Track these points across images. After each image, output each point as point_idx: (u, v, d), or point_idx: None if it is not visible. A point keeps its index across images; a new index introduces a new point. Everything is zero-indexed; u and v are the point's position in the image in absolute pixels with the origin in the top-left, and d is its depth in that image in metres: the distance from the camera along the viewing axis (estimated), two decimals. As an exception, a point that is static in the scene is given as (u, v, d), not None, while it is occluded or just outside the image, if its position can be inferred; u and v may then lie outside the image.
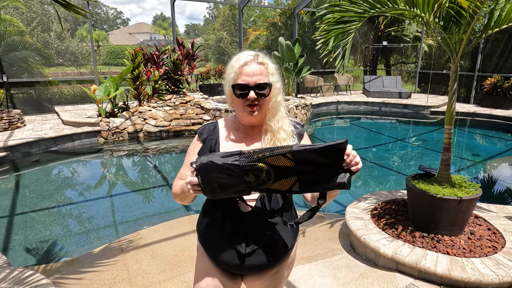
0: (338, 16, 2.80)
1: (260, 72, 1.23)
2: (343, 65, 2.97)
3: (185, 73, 8.98)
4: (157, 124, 7.41)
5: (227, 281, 1.35)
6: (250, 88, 1.22)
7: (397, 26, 14.48)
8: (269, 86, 1.24)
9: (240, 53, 1.29)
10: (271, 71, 1.26)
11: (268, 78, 1.24)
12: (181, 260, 2.91)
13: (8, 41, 9.04)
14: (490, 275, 2.35)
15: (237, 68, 1.23)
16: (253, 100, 1.23)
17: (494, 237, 2.83)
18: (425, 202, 2.77)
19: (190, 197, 1.28)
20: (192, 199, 1.30)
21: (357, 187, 5.06)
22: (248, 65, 1.22)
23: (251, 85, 1.21)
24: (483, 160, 6.28)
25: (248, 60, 1.23)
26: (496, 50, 11.20)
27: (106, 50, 30.78)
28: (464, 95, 11.84)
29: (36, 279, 2.20)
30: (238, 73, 1.23)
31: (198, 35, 48.59)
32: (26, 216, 3.98)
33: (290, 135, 1.32)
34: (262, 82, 1.22)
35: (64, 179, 5.37)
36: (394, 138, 8.09)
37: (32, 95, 9.29)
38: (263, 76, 1.23)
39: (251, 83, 1.21)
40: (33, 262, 3.08)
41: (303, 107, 8.55)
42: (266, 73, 1.24)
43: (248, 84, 1.21)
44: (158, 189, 4.97)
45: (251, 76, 1.21)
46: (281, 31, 14.23)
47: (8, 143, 5.87)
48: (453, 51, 2.84)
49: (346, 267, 2.74)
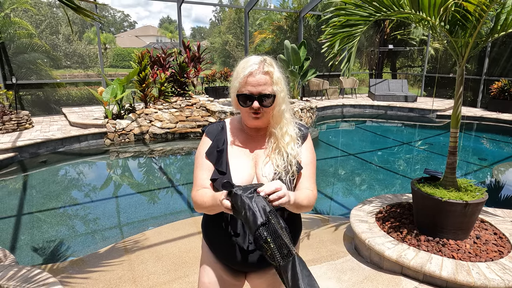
0: (344, 19, 2.82)
1: (265, 82, 1.24)
2: (348, 68, 2.98)
3: (191, 76, 9.03)
4: (163, 126, 7.46)
5: (230, 278, 1.38)
6: (254, 98, 1.24)
7: (403, 29, 14.44)
8: (273, 96, 1.26)
9: (247, 58, 1.30)
10: (275, 80, 1.27)
11: (272, 88, 1.25)
12: (186, 261, 2.93)
13: (18, 43, 9.17)
14: (496, 279, 2.33)
15: (242, 77, 1.25)
16: (257, 109, 1.25)
17: (500, 242, 2.81)
18: (430, 205, 2.76)
19: (219, 210, 1.20)
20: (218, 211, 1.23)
21: (362, 191, 5.05)
22: (253, 75, 1.24)
23: (255, 95, 1.24)
24: (490, 165, 6.22)
25: (254, 70, 1.24)
26: (504, 54, 11.11)
27: (113, 52, 31.05)
28: (471, 99, 11.76)
29: (44, 277, 2.23)
30: (243, 83, 1.25)
31: (204, 38, 48.84)
32: (33, 216, 4.03)
33: (295, 138, 1.34)
34: (266, 93, 1.24)
35: (71, 180, 5.43)
36: (399, 142, 8.05)
37: (40, 96, 9.40)
38: (267, 86, 1.24)
39: (255, 93, 1.24)
40: (40, 261, 3.12)
41: (308, 110, 8.55)
42: (271, 83, 1.25)
43: (252, 94, 1.24)
44: (163, 191, 5.00)
45: (256, 87, 1.23)
46: (287, 34, 14.27)
47: (16, 144, 5.95)
48: (459, 55, 2.84)
49: (350, 270, 2.73)
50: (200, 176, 1.33)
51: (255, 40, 17.49)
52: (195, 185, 1.34)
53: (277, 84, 1.27)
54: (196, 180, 1.34)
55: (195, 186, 1.33)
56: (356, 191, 5.07)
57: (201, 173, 1.33)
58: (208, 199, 1.22)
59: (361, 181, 5.45)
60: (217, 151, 1.33)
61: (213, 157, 1.33)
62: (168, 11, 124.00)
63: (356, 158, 6.56)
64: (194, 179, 1.36)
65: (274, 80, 1.27)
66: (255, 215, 1.00)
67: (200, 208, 1.28)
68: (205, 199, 1.24)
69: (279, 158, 1.29)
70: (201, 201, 1.25)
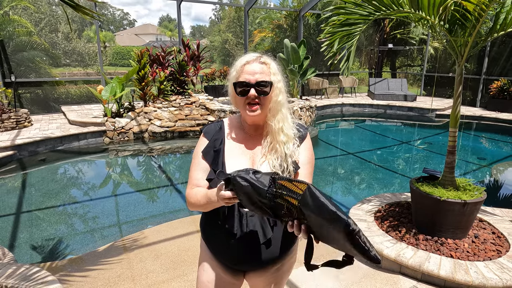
0: (343, 18, 2.82)
1: (262, 71, 1.24)
2: (347, 67, 2.98)
3: (191, 74, 9.03)
4: (162, 125, 7.46)
5: (229, 277, 1.38)
6: (251, 86, 1.23)
7: (403, 28, 14.44)
8: (270, 84, 1.25)
9: (244, 54, 1.31)
10: (273, 71, 1.26)
11: (269, 77, 1.25)
12: (185, 260, 2.93)
13: (17, 41, 9.15)
14: (494, 278, 2.34)
15: (239, 67, 1.25)
16: (254, 98, 1.23)
17: (498, 241, 2.82)
18: (429, 204, 2.76)
19: (214, 206, 1.22)
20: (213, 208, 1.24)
21: (361, 190, 5.05)
22: (250, 63, 1.24)
23: (252, 83, 1.22)
24: (488, 164, 6.23)
25: (251, 59, 1.25)
26: (503, 53, 11.11)
27: (112, 51, 31.01)
28: (470, 99, 11.76)
29: (42, 275, 2.23)
30: (240, 71, 1.24)
31: (203, 37, 48.78)
32: (32, 214, 4.03)
33: (292, 138, 1.31)
34: (263, 80, 1.23)
35: (70, 178, 5.42)
36: (399, 141, 8.06)
37: (39, 94, 9.39)
38: (264, 74, 1.24)
39: (252, 81, 1.22)
40: (38, 260, 3.12)
41: (308, 109, 8.55)
42: (268, 72, 1.25)
43: (249, 82, 1.22)
44: (162, 189, 5.00)
45: (253, 74, 1.23)
46: (287, 33, 14.26)
47: (15, 142, 5.95)
48: (458, 54, 2.84)
49: (348, 269, 2.74)
50: (195, 176, 1.34)
51: (254, 38, 17.47)
52: (189, 184, 1.35)
53: (275, 75, 1.26)
54: (191, 180, 1.35)
55: (189, 185, 1.35)
56: (355, 190, 5.08)
57: (196, 173, 1.34)
58: (202, 197, 1.22)
59: (360, 180, 5.46)
60: (214, 151, 1.33)
61: (210, 157, 1.33)
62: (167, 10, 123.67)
63: (355, 157, 6.57)
64: (189, 178, 1.37)
65: (272, 70, 1.26)
66: (259, 182, 0.99)
67: (194, 206, 1.28)
68: (198, 197, 1.24)
69: (275, 157, 1.28)
70: (195, 200, 1.26)
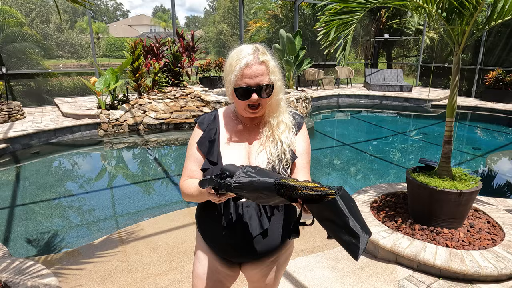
0: (340, 6, 2.77)
1: (262, 73, 1.21)
2: (344, 57, 2.94)
3: (185, 66, 8.92)
4: (157, 117, 7.40)
5: (225, 269, 1.37)
6: (252, 91, 1.21)
7: (399, 18, 14.36)
8: (271, 86, 1.23)
9: (239, 48, 1.25)
10: (271, 70, 1.24)
11: (269, 77, 1.23)
12: (181, 252, 2.92)
13: (7, 32, 8.98)
14: (489, 267, 2.36)
15: (238, 70, 1.21)
16: (255, 102, 1.22)
17: (493, 230, 2.84)
18: (425, 194, 2.77)
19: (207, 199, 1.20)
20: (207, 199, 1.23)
21: (357, 180, 5.06)
22: (249, 67, 1.20)
23: (253, 87, 1.20)
24: (483, 154, 6.27)
25: (249, 61, 1.20)
26: (499, 44, 11.11)
27: (106, 42, 30.60)
28: (466, 89, 11.79)
29: (37, 269, 2.21)
30: (240, 75, 1.21)
31: (198, 28, 48.21)
32: (26, 208, 3.99)
33: (289, 126, 1.32)
34: (264, 83, 1.21)
35: (64, 171, 5.38)
36: (394, 132, 8.07)
37: (31, 87, 9.26)
38: (264, 76, 1.21)
39: (253, 85, 1.20)
40: (34, 253, 3.09)
41: (304, 100, 8.52)
42: (267, 72, 1.23)
43: (250, 87, 1.20)
44: (158, 181, 4.98)
45: (253, 78, 1.20)
46: (282, 23, 14.13)
47: (8, 135, 5.87)
48: (455, 43, 2.81)
49: (345, 259, 2.75)
50: (190, 167, 1.34)
51: (250, 29, 17.31)
52: (183, 175, 1.35)
53: (274, 73, 1.25)
54: (185, 171, 1.34)
55: (183, 176, 1.34)
56: (351, 180, 5.09)
57: (190, 164, 1.34)
58: (195, 189, 1.22)
59: (356, 171, 5.47)
60: (209, 141, 1.32)
61: (205, 148, 1.32)
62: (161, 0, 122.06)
63: (351, 148, 6.57)
64: (183, 169, 1.36)
65: (271, 69, 1.24)
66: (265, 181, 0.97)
67: (188, 197, 1.28)
68: (192, 189, 1.24)
69: (273, 146, 1.28)
70: (189, 191, 1.26)
